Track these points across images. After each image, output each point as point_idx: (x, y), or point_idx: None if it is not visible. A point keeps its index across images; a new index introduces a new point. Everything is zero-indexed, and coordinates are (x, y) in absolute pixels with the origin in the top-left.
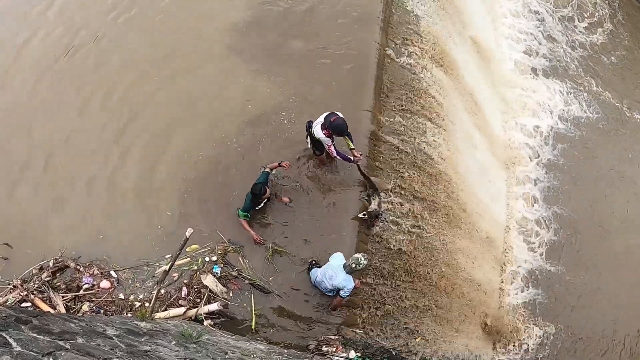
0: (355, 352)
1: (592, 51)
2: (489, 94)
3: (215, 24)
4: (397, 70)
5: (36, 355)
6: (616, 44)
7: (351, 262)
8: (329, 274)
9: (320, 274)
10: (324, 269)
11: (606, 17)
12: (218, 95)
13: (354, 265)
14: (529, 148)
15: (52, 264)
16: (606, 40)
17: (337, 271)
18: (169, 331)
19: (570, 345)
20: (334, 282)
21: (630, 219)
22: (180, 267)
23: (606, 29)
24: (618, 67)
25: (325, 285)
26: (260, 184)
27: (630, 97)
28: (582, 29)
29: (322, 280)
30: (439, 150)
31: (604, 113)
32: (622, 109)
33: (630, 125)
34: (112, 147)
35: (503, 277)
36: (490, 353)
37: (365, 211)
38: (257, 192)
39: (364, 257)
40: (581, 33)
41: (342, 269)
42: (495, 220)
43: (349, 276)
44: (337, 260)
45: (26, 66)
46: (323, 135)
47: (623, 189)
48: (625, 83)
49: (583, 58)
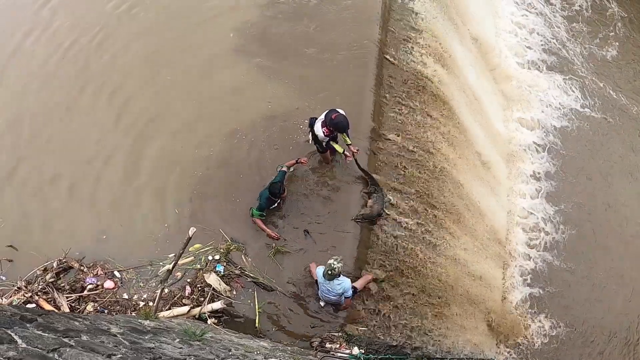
0: (358, 349)
1: (595, 45)
2: (489, 89)
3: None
4: (397, 66)
5: (41, 352)
6: (618, 37)
7: (327, 270)
8: (325, 289)
9: (320, 289)
10: (320, 287)
11: (607, 9)
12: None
13: (329, 272)
14: (531, 143)
15: (56, 265)
16: (608, 34)
17: (326, 284)
18: (172, 329)
19: (575, 340)
20: (334, 292)
21: (636, 213)
22: (183, 266)
23: (608, 23)
24: (620, 60)
25: (330, 299)
26: (278, 183)
27: (631, 90)
28: (584, 22)
29: (326, 296)
30: (439, 146)
31: (606, 106)
32: (624, 102)
33: (632, 118)
34: (115, 147)
35: (506, 272)
36: (494, 348)
37: (359, 214)
38: (275, 192)
39: (335, 260)
40: (583, 27)
41: (325, 279)
42: (498, 216)
43: (341, 279)
44: (320, 272)
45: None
46: (322, 133)
47: (628, 181)
48: (627, 76)
49: (585, 51)
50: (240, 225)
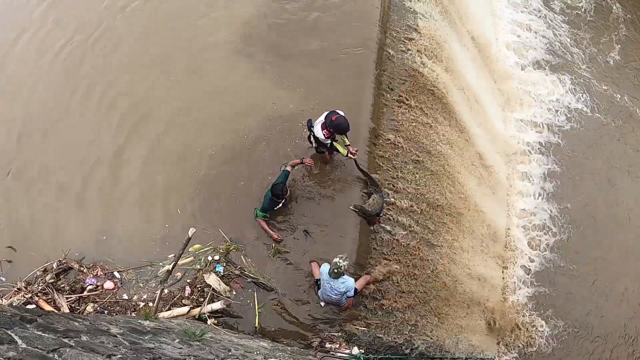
0: (358, 349)
1: (596, 46)
2: (488, 88)
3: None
4: (396, 66)
5: (41, 352)
6: (620, 38)
7: (333, 269)
8: (328, 288)
9: (322, 289)
10: (323, 284)
11: (610, 11)
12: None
13: (336, 270)
14: (530, 143)
15: (56, 266)
16: (611, 35)
17: (331, 282)
18: (172, 329)
19: (575, 340)
20: (337, 290)
21: (637, 212)
22: (183, 267)
23: (611, 24)
24: (622, 61)
25: (331, 298)
26: (280, 184)
27: (633, 89)
28: (586, 23)
29: (328, 295)
30: (439, 145)
31: (606, 106)
32: (625, 103)
33: (633, 119)
34: (114, 148)
35: (506, 272)
36: (494, 348)
37: (358, 204)
38: (277, 193)
39: (341, 258)
40: (586, 28)
41: (331, 277)
42: (497, 216)
43: (345, 278)
44: (325, 270)
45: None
46: (322, 135)
47: (630, 181)
48: (629, 76)
49: (587, 52)
50: (240, 225)
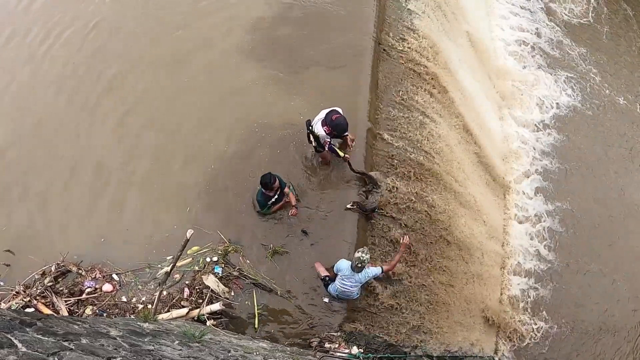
0: (357, 348)
1: (590, 41)
2: (484, 87)
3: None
4: (392, 66)
5: (41, 355)
6: (614, 33)
7: (356, 263)
8: (350, 281)
9: (339, 285)
10: (340, 280)
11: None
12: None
13: (359, 264)
14: (527, 140)
15: (54, 269)
16: (604, 29)
17: (354, 275)
18: (172, 331)
19: (573, 337)
20: (359, 282)
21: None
22: (181, 268)
23: (604, 18)
24: (616, 56)
25: (349, 291)
26: (268, 174)
27: (629, 86)
28: (582, 20)
29: (347, 289)
30: (435, 145)
31: (602, 103)
32: (620, 100)
33: (629, 115)
34: (113, 149)
35: (504, 270)
36: (492, 346)
37: (355, 201)
38: (266, 182)
39: (363, 252)
40: (582, 24)
41: (354, 272)
42: (495, 214)
43: (368, 269)
44: (345, 266)
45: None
46: (323, 132)
47: (627, 177)
48: (624, 73)
49: (581, 48)
50: (238, 226)
